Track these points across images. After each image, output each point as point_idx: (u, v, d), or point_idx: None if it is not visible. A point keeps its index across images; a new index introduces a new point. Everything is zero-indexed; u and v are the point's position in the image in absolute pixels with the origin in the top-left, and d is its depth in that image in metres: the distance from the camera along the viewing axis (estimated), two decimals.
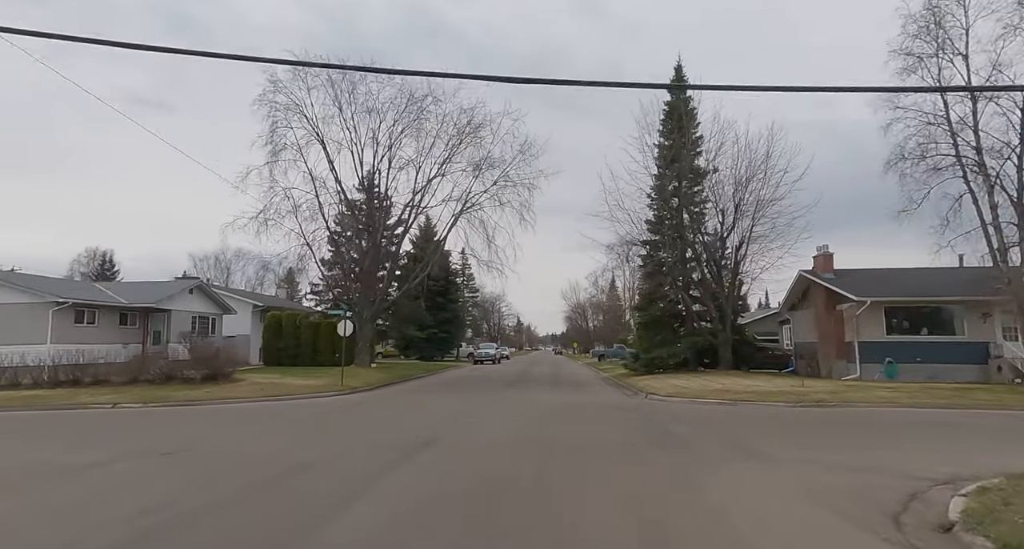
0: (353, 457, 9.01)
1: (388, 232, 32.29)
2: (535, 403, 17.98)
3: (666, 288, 32.14)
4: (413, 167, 31.11)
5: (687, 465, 8.27)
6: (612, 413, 15.43)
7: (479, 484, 7.13)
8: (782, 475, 7.65)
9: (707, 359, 32.44)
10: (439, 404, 17.78)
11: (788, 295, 30.97)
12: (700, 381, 24.88)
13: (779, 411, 16.09)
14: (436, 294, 55.50)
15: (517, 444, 10.01)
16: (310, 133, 29.36)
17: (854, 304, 24.75)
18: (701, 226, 32.28)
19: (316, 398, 19.86)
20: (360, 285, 31.60)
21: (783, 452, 9.24)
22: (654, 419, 13.89)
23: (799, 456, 8.92)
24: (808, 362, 28.94)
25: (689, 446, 9.98)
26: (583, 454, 9.03)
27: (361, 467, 8.16)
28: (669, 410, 16.19)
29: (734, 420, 13.96)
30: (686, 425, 12.65)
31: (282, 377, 24.17)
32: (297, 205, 29.49)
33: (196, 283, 32.83)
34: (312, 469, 8.06)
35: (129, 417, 14.91)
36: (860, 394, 18.83)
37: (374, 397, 20.29)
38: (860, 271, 27.87)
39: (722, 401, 18.56)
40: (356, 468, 8.10)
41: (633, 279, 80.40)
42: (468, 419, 13.73)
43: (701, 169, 32.41)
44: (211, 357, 23.67)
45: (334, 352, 36.32)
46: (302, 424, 13.18)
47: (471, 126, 30.18)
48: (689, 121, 32.17)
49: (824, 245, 28.20)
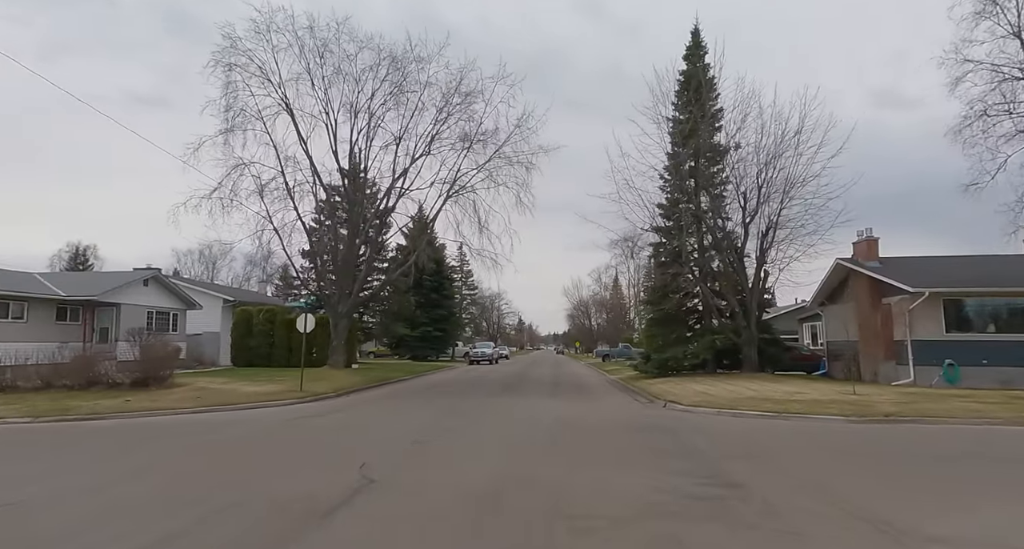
0: (213, 534, 5.37)
1: (368, 216, 28.52)
2: (528, 417, 14.30)
3: (682, 279, 28.41)
4: (396, 143, 27.39)
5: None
6: (628, 436, 11.72)
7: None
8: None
9: (726, 360, 28.78)
10: (406, 418, 14.12)
11: (821, 287, 27.22)
12: (726, 386, 21.22)
13: (848, 431, 12.40)
14: (430, 290, 51.90)
15: (486, 507, 6.22)
16: (277, 102, 25.69)
17: (907, 296, 21.04)
18: (721, 210, 28.54)
19: (263, 408, 16.25)
20: (335, 276, 27.89)
21: (940, 528, 5.53)
22: (688, 445, 10.21)
23: (972, 536, 5.26)
24: (846, 364, 25.12)
25: (774, 514, 5.91)
26: (593, 539, 5.34)
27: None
28: (701, 427, 12.51)
29: (802, 447, 10.25)
30: (740, 460, 8.94)
31: (232, 381, 20.55)
32: (264, 184, 25.79)
33: (151, 274, 29.17)
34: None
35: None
36: (935, 405, 15.12)
37: (334, 407, 16.64)
38: (910, 259, 24.17)
39: (763, 413, 14.91)
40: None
41: (638, 276, 76.62)
42: (431, 445, 10.05)
43: (721, 146, 28.70)
44: (158, 357, 20.04)
45: (312, 351, 32.87)
46: (203, 456, 9.50)
47: (460, 95, 26.45)
48: (708, 91, 28.46)
49: (866, 229, 24.48)
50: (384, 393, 20.93)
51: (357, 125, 27.09)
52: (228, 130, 24.04)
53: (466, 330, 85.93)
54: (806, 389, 19.77)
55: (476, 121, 26.63)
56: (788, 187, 26.23)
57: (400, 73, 26.45)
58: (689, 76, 28.80)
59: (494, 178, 27.54)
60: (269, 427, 12.45)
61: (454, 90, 26.19)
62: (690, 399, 17.91)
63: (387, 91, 26.56)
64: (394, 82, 26.40)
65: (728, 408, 15.78)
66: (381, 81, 26.37)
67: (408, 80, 26.27)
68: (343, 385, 21.62)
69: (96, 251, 70.14)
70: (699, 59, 29.15)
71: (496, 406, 16.71)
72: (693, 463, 8.55)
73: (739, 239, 28.41)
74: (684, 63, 29.45)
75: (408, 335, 48.19)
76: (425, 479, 7.49)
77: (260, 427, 12.44)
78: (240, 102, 24.57)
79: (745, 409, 15.55)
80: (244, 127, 24.72)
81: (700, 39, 29.33)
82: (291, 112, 25.96)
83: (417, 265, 31.13)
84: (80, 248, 66.00)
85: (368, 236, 28.68)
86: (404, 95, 26.08)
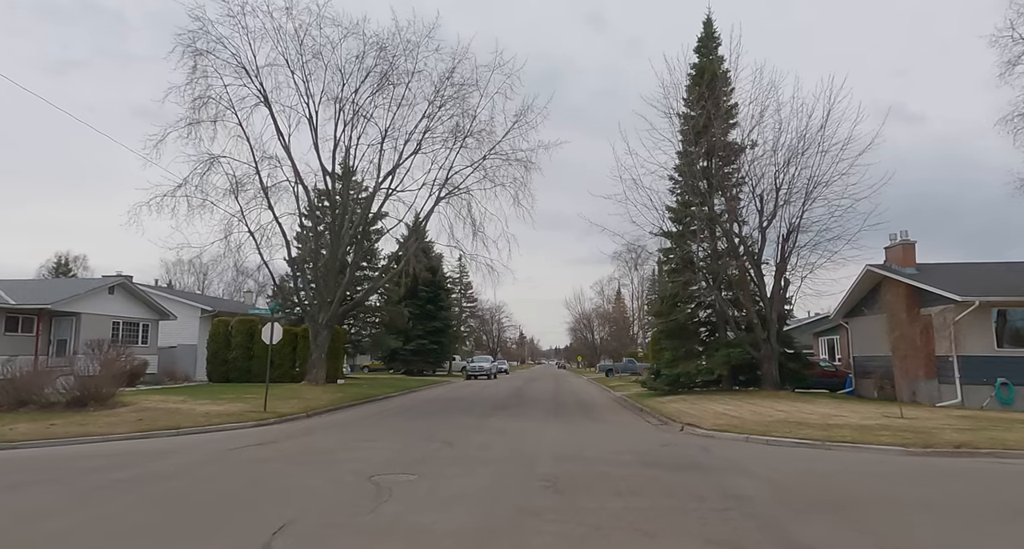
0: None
1: (354, 219, 26.22)
2: (522, 448, 11.88)
3: (694, 288, 26.04)
4: (382, 137, 25.17)
5: None
6: (648, 476, 9.25)
7: None
8: None
9: (742, 376, 26.36)
10: (372, 448, 11.67)
11: (847, 297, 24.80)
12: (748, 406, 18.80)
13: (921, 467, 9.95)
14: (426, 301, 49.55)
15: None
16: (254, 94, 23.53)
17: (951, 306, 18.67)
18: (737, 213, 26.23)
19: (213, 432, 13.88)
20: (316, 283, 25.54)
21: None
22: (731, 490, 7.79)
23: None
24: (878, 382, 22.73)
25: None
26: None
27: None
28: (736, 461, 10.09)
29: (883, 495, 7.72)
30: (812, 518, 6.44)
31: (191, 400, 18.15)
32: (238, 181, 23.52)
33: (117, 281, 26.82)
34: None
35: None
36: (1009, 434, 12.65)
37: (295, 432, 14.22)
38: (951, 266, 21.80)
39: (802, 441, 12.50)
40: None
41: (642, 288, 74.47)
42: (388, 493, 7.59)
43: (736, 144, 26.46)
44: (105, 373, 17.70)
45: (295, 365, 30.47)
46: (65, 515, 7.08)
47: (453, 85, 24.27)
48: (722, 85, 26.29)
49: (901, 232, 22.09)
50: (361, 414, 18.48)
51: (342, 120, 24.95)
52: (195, 122, 21.80)
53: (467, 343, 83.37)
54: (842, 411, 17.34)
55: (470, 114, 24.43)
56: (811, 187, 23.94)
57: (388, 63, 24.32)
58: (701, 69, 26.63)
59: (490, 177, 25.34)
60: (198, 461, 10.05)
61: (446, 79, 24.02)
62: (711, 421, 15.52)
63: (374, 83, 24.42)
64: (381, 72, 24.26)
65: (759, 434, 13.37)
66: (367, 72, 24.24)
67: (397, 71, 24.12)
68: (317, 404, 19.23)
69: (85, 261, 68.01)
70: (712, 51, 27.04)
71: (483, 433, 14.28)
72: (751, 525, 6.11)
73: (755, 245, 26.11)
74: (695, 56, 27.32)
75: (401, 348, 45.67)
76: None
77: (187, 461, 10.04)
78: (211, 91, 22.39)
79: (779, 435, 13.15)
80: (215, 118, 22.52)
81: (713, 30, 27.25)
82: (269, 105, 23.80)
83: (408, 272, 28.86)
84: (67, 258, 63.88)
85: (353, 239, 26.32)
86: (392, 86, 23.90)
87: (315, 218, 26.50)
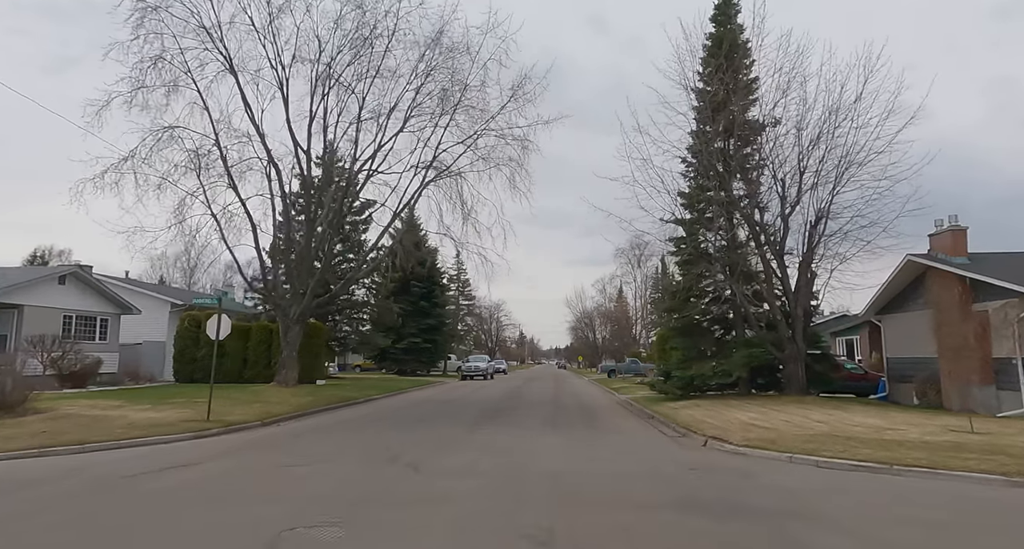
0: None
1: (333, 202, 23.58)
2: (506, 477, 9.24)
3: (708, 281, 23.43)
4: (359, 108, 22.55)
5: None
6: (681, 526, 6.66)
7: None
8: None
9: (760, 378, 23.76)
10: (317, 474, 9.07)
11: (882, 291, 22.12)
12: (777, 415, 16.18)
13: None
14: (419, 297, 46.94)
15: None
16: (219, 61, 20.91)
17: (1017, 301, 16.05)
18: (757, 198, 23.59)
19: (137, 447, 11.25)
20: (287, 275, 22.92)
21: None
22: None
23: None
24: (920, 387, 20.08)
25: None
26: None
27: None
28: (790, 495, 7.49)
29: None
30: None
31: (127, 405, 15.55)
32: (202, 160, 20.90)
33: (69, 270, 24.14)
34: None
35: None
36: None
37: (235, 446, 11.61)
38: (1006, 255, 19.17)
39: (860, 464, 9.88)
40: None
41: (645, 286, 71.88)
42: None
43: (756, 122, 23.83)
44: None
45: (270, 364, 27.88)
46: None
47: (441, 49, 21.64)
48: (742, 57, 23.66)
49: (950, 217, 19.44)
50: (327, 422, 15.83)
51: (320, 93, 22.32)
52: (143, 87, 19.17)
53: (464, 342, 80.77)
54: (892, 422, 14.68)
55: (460, 83, 21.81)
56: (843, 168, 21.32)
57: (370, 29, 21.69)
58: (719, 38, 23.93)
59: (483, 156, 22.74)
60: (69, 494, 7.45)
61: (433, 42, 21.41)
62: (739, 435, 12.92)
63: (355, 49, 21.77)
64: (362, 38, 21.64)
65: (804, 453, 10.75)
66: (345, 36, 21.62)
67: (377, 33, 21.47)
68: (280, 410, 16.63)
69: (69, 256, 65.34)
70: (731, 19, 24.35)
71: (467, 447, 11.66)
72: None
73: (777, 233, 23.49)
74: (712, 25, 24.63)
75: (392, 347, 43.03)
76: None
77: (54, 493, 7.44)
78: (167, 54, 19.77)
79: (830, 455, 10.50)
80: (172, 84, 19.91)
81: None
82: (235, 73, 21.19)
83: (395, 263, 26.30)
84: (46, 252, 61.29)
85: (331, 224, 23.64)
86: (372, 49, 21.24)
87: (288, 202, 23.86)
